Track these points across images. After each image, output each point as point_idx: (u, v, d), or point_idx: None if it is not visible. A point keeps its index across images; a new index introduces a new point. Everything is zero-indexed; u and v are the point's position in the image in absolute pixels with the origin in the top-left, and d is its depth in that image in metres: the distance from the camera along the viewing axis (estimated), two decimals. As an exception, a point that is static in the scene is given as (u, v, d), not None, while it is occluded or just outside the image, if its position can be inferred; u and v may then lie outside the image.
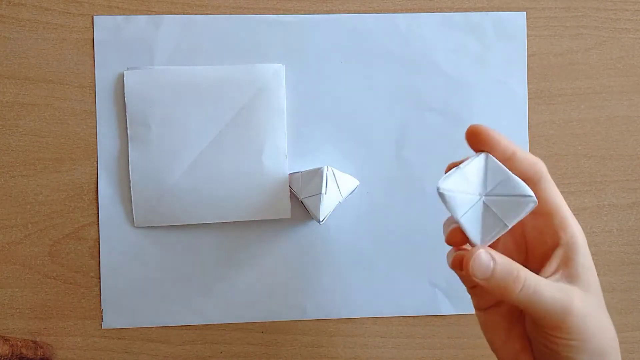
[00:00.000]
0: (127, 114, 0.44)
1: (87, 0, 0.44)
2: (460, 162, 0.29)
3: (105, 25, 0.44)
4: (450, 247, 0.32)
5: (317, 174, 0.41)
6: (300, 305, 0.45)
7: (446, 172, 0.30)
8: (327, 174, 0.41)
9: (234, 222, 0.44)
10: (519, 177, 0.28)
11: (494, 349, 0.31)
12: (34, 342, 0.42)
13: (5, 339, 0.39)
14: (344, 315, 0.45)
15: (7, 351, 0.39)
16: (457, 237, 0.29)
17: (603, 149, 0.46)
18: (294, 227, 0.45)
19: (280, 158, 0.44)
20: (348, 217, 0.45)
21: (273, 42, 0.45)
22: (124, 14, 0.44)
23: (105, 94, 0.44)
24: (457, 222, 0.28)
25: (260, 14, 0.45)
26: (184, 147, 0.44)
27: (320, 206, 0.40)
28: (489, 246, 0.28)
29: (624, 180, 0.47)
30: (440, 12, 0.45)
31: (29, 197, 0.44)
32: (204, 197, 0.44)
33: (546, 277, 0.28)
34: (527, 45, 0.46)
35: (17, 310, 0.44)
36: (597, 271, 0.48)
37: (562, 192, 0.30)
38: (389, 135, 0.45)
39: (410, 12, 0.45)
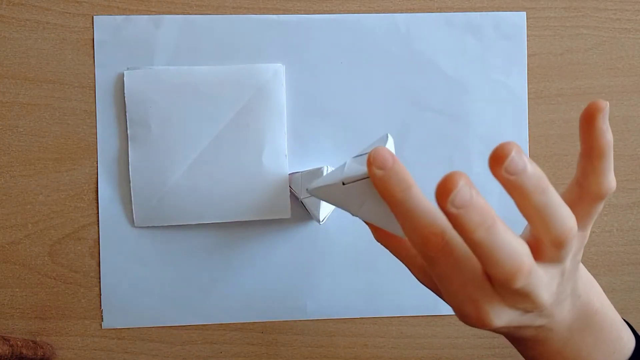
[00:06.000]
0: (127, 114, 0.44)
1: (87, 0, 0.44)
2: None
3: (105, 25, 0.44)
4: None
5: (317, 174, 0.41)
6: (300, 305, 0.45)
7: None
8: (327, 174, 0.41)
9: (234, 222, 0.44)
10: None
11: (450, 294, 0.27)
12: (34, 342, 0.42)
13: (5, 339, 0.39)
14: (344, 315, 0.45)
15: (7, 351, 0.39)
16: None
17: (603, 149, 0.46)
18: (294, 227, 0.45)
19: (280, 158, 0.44)
20: (348, 217, 0.45)
21: (273, 42, 0.45)
22: (124, 14, 0.44)
23: (105, 94, 0.44)
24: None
25: (260, 14, 0.45)
26: (183, 147, 0.43)
27: (320, 206, 0.40)
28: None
29: (624, 180, 0.47)
30: (440, 12, 0.45)
31: (29, 197, 0.44)
32: (204, 197, 0.43)
33: None
34: (527, 45, 0.46)
35: (17, 310, 0.44)
36: (597, 271, 0.48)
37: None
38: (389, 135, 0.45)
39: (410, 12, 0.45)
